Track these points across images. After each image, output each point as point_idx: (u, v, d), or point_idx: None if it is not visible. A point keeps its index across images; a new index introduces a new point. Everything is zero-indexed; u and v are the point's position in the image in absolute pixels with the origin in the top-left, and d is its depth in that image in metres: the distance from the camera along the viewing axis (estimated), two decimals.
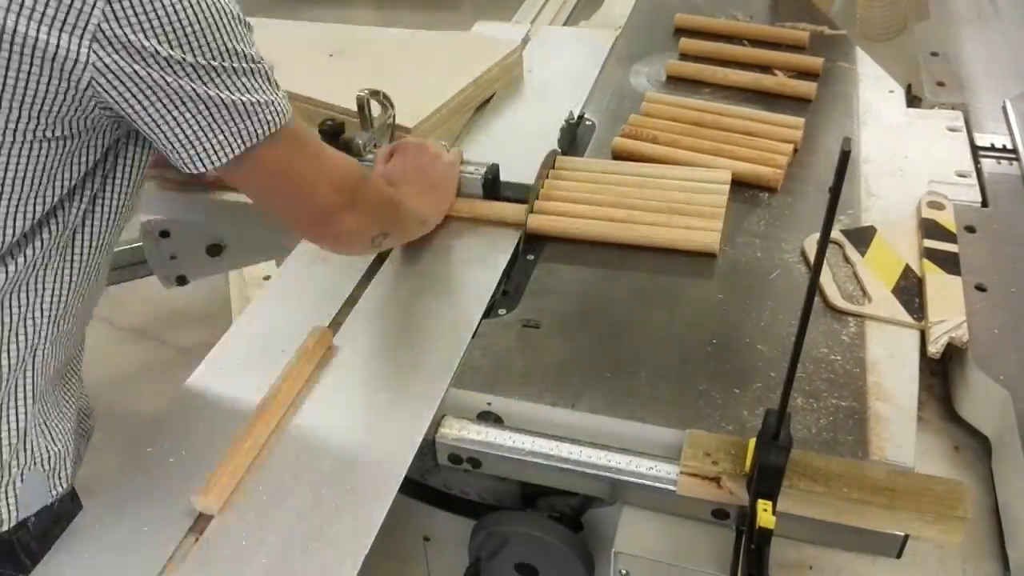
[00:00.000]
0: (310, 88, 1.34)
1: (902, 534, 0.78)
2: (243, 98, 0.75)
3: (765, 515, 0.73)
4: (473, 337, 0.98)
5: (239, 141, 0.76)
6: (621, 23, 1.70)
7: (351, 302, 1.05)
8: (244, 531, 0.80)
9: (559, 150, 1.27)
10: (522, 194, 1.17)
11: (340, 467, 0.85)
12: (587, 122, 1.38)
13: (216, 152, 0.76)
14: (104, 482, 0.86)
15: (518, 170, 1.20)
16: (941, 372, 0.99)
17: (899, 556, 0.80)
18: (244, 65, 0.75)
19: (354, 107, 1.18)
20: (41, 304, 0.81)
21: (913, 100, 1.44)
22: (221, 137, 0.76)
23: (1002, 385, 0.89)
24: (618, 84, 1.47)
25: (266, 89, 0.78)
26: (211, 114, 0.74)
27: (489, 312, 1.03)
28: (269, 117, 0.77)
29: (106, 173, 0.82)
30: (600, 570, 0.93)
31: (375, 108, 1.21)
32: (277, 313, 1.05)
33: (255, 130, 0.77)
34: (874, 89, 1.44)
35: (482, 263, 1.10)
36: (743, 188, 1.19)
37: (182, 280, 1.50)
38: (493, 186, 1.19)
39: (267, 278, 1.98)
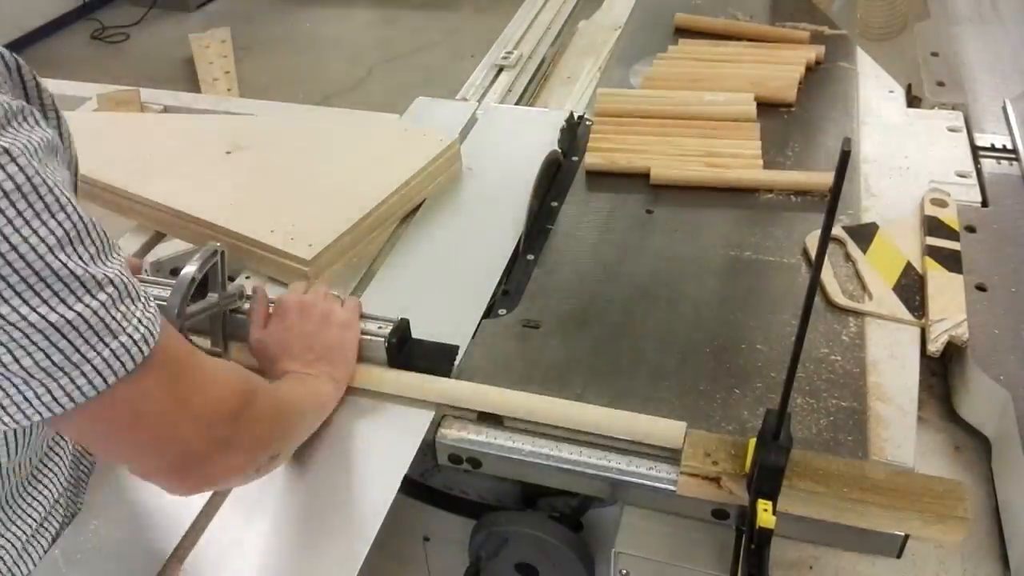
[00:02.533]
0: (194, 201, 1.12)
1: (902, 534, 0.77)
2: (65, 349, 0.55)
3: (765, 515, 0.72)
4: (473, 337, 0.98)
5: (52, 405, 0.57)
6: (621, 23, 1.71)
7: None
8: (243, 532, 0.80)
9: (559, 150, 1.27)
10: (441, 360, 0.92)
11: (340, 467, 0.85)
12: (587, 122, 1.37)
13: (19, 414, 0.57)
14: None
15: (444, 322, 0.97)
16: (941, 372, 0.99)
17: (899, 556, 0.80)
18: (77, 299, 0.56)
19: (242, 229, 1.00)
20: None
21: (913, 100, 1.44)
22: (23, 400, 0.57)
23: (1002, 385, 0.89)
24: (618, 84, 1.47)
25: (104, 333, 0.57)
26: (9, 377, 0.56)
27: (489, 312, 1.03)
28: (101, 370, 0.57)
29: None
30: (600, 570, 0.93)
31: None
32: None
33: (77, 392, 0.57)
34: (874, 89, 1.44)
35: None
36: (744, 191, 1.19)
37: None
38: (401, 348, 0.92)
39: None
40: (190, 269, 0.84)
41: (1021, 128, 1.30)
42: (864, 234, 1.10)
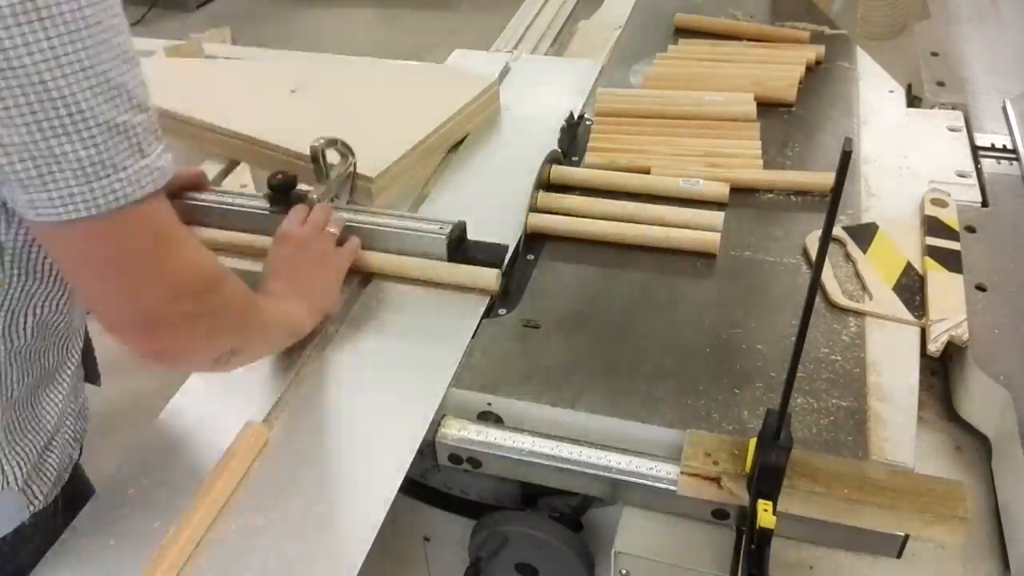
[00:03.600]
0: (268, 131, 1.27)
1: (902, 534, 0.78)
2: (85, 153, 0.61)
3: (765, 515, 0.73)
4: (473, 337, 0.98)
5: (59, 208, 0.62)
6: (621, 23, 1.70)
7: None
8: (242, 531, 0.80)
9: (559, 149, 1.27)
10: (493, 256, 1.06)
11: (340, 467, 0.85)
12: (587, 122, 1.37)
13: (54, 207, 0.62)
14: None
15: (491, 227, 1.11)
16: (941, 372, 0.99)
17: (899, 556, 0.80)
18: (102, 122, 0.61)
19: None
20: None
21: (913, 100, 1.44)
22: (62, 196, 0.61)
23: (1002, 385, 0.89)
24: (618, 84, 1.47)
25: (142, 146, 0.64)
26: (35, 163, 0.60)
27: (489, 312, 1.03)
28: (103, 194, 0.62)
29: None
30: (600, 570, 0.93)
31: (333, 157, 1.12)
32: None
33: (81, 202, 0.62)
34: (874, 89, 1.44)
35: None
36: (744, 191, 1.19)
37: None
38: (459, 247, 1.07)
39: None
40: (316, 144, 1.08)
41: (1021, 128, 1.30)
42: (864, 234, 1.10)
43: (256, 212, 1.11)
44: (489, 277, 1.03)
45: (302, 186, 1.10)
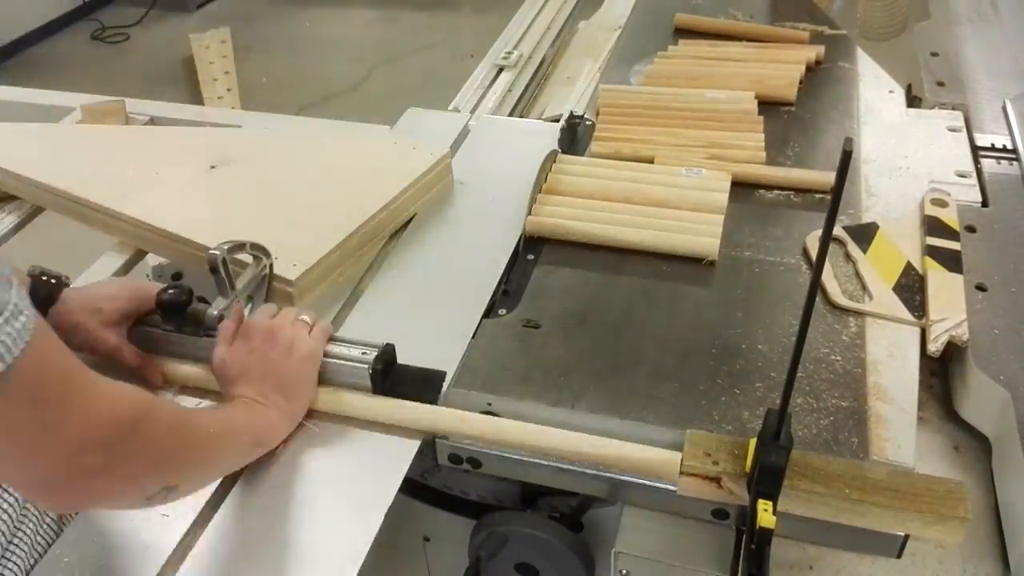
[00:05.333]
0: (174, 218, 1.10)
1: (902, 534, 0.77)
2: None
3: (765, 515, 0.73)
4: (473, 337, 0.98)
5: None
6: (621, 23, 1.71)
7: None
8: (243, 532, 0.80)
9: (559, 150, 1.27)
10: (429, 388, 0.89)
11: (340, 467, 0.85)
12: (587, 122, 1.37)
13: None
14: None
15: (432, 344, 0.95)
16: (941, 372, 0.99)
17: (899, 556, 0.80)
18: None
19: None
20: None
21: (913, 100, 1.44)
22: None
23: (1002, 385, 0.89)
24: (618, 84, 1.47)
25: None
26: None
27: (489, 312, 1.03)
28: None
29: None
30: (600, 570, 0.93)
31: (245, 257, 0.96)
32: None
33: None
34: (874, 89, 1.44)
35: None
36: (742, 187, 1.19)
37: None
38: (386, 375, 0.90)
39: None
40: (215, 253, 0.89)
41: (1021, 128, 1.30)
42: (864, 234, 1.10)
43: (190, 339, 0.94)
44: (422, 417, 0.87)
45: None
